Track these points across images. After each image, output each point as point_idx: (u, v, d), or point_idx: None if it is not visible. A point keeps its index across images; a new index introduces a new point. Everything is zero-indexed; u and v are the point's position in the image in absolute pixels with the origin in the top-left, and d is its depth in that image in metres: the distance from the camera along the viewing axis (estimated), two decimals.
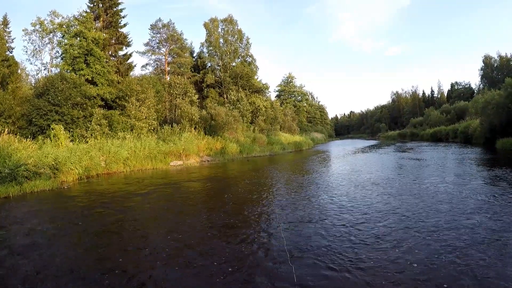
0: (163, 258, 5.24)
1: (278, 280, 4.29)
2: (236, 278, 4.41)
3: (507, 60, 58.22)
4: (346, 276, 4.31)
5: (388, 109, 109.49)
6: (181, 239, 6.16)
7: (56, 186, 12.87)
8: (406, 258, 4.75)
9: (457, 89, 79.05)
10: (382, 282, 4.07)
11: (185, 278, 4.49)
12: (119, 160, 18.79)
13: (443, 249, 5.06)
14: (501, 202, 7.78)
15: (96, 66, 25.91)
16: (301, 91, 71.25)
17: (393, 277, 4.18)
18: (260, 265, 4.84)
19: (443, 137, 45.51)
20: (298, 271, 4.50)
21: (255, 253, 5.32)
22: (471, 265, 4.43)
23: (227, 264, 4.86)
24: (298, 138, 45.79)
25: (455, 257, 4.72)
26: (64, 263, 5.19)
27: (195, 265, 4.90)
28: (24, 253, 5.73)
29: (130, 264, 5.08)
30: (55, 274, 4.76)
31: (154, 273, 4.70)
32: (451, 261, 4.59)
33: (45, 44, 28.70)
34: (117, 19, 31.00)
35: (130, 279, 4.50)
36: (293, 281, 4.20)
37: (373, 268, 4.49)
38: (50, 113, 20.29)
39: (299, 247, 5.46)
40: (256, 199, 9.78)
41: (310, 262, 4.83)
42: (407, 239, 5.58)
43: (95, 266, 5.06)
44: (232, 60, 43.97)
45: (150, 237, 6.54)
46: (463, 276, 4.13)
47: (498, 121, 26.21)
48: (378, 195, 9.39)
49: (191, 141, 25.18)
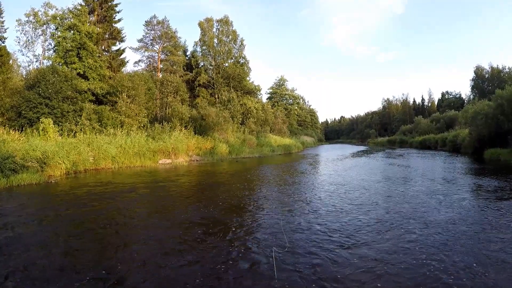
0: (150, 254, 5.40)
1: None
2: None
3: (499, 71, 59.05)
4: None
5: (379, 115, 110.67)
6: (162, 237, 6.33)
7: (43, 180, 12.92)
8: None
9: (448, 98, 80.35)
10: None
11: (169, 275, 4.64)
12: (107, 156, 18.81)
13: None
14: (483, 211, 8.11)
15: (88, 60, 25.84)
16: (292, 94, 71.71)
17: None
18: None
19: (432, 145, 46.16)
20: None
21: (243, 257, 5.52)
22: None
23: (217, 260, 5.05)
24: (287, 141, 46.13)
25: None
26: (49, 259, 5.29)
27: (181, 260, 5.07)
28: (7, 247, 5.76)
29: (114, 260, 5.20)
30: (40, 269, 4.85)
31: (142, 269, 4.84)
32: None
33: (38, 36, 28.51)
34: (111, 13, 30.95)
35: (114, 274, 4.64)
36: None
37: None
38: (40, 106, 20.18)
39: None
40: (243, 200, 10.00)
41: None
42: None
43: (79, 262, 5.17)
44: (225, 61, 44.12)
45: (135, 234, 6.69)
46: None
47: (487, 131, 26.71)
48: (358, 198, 9.61)
49: (181, 140, 25.30)
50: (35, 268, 4.89)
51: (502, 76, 56.57)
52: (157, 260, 5.18)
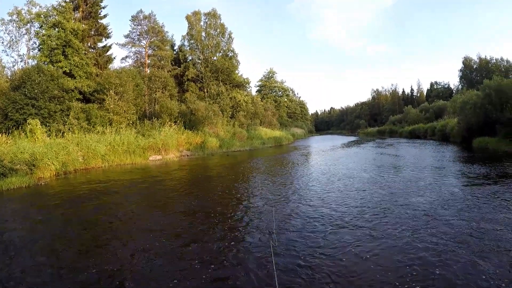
0: (144, 254, 5.59)
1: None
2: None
3: (486, 62, 59.93)
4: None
5: (368, 106, 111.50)
6: (158, 236, 6.50)
7: (33, 183, 12.88)
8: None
9: (436, 89, 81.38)
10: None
11: (167, 275, 4.79)
12: (97, 155, 18.77)
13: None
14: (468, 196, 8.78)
15: (74, 58, 25.53)
16: (281, 86, 71.82)
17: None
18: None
19: (421, 135, 46.85)
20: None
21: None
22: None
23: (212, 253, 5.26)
24: (278, 133, 46.43)
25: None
26: (43, 263, 5.40)
27: (179, 259, 5.23)
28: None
29: (110, 262, 5.33)
30: (33, 274, 4.97)
31: (135, 269, 5.01)
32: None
33: (22, 35, 27.87)
34: (97, 9, 30.55)
35: (109, 276, 4.79)
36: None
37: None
38: (27, 107, 19.94)
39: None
40: (235, 193, 10.48)
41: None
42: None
43: (73, 264, 5.28)
44: (214, 54, 43.90)
45: (129, 234, 6.80)
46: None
47: (475, 120, 27.45)
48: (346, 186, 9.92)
49: (171, 135, 25.31)
50: (31, 272, 5.02)
51: (490, 67, 57.59)
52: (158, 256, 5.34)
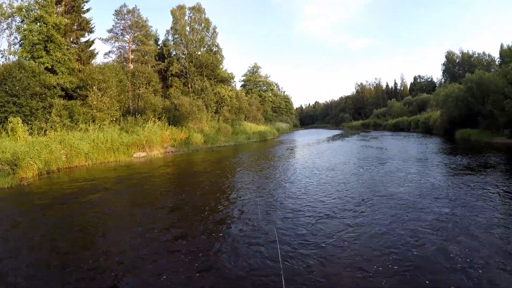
0: (133, 248, 5.85)
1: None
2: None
3: (469, 56, 61.45)
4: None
5: (352, 100, 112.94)
6: (147, 230, 6.80)
7: (15, 183, 12.89)
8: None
9: (420, 82, 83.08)
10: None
11: (156, 268, 5.00)
12: (80, 153, 18.80)
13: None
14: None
15: (56, 54, 25.21)
16: (266, 81, 72.06)
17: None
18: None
19: (405, 127, 48.07)
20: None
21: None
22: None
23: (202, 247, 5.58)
24: (263, 128, 46.83)
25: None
26: (30, 263, 5.53)
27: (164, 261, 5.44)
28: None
29: (99, 258, 5.54)
30: (20, 274, 5.12)
31: (125, 264, 5.25)
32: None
33: (3, 30, 27.33)
34: (79, 3, 30.13)
35: (99, 272, 4.99)
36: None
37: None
38: (8, 105, 19.75)
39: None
40: (221, 188, 11.12)
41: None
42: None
43: (62, 262, 5.47)
44: (198, 49, 43.80)
45: (114, 233, 6.97)
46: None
47: (457, 113, 28.62)
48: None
49: (155, 131, 25.39)
50: (18, 273, 5.14)
51: (472, 61, 59.13)
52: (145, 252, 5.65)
